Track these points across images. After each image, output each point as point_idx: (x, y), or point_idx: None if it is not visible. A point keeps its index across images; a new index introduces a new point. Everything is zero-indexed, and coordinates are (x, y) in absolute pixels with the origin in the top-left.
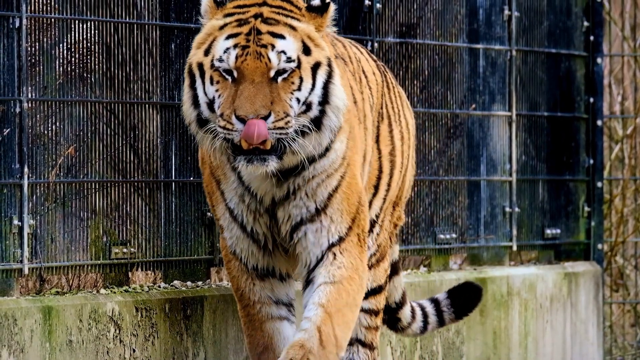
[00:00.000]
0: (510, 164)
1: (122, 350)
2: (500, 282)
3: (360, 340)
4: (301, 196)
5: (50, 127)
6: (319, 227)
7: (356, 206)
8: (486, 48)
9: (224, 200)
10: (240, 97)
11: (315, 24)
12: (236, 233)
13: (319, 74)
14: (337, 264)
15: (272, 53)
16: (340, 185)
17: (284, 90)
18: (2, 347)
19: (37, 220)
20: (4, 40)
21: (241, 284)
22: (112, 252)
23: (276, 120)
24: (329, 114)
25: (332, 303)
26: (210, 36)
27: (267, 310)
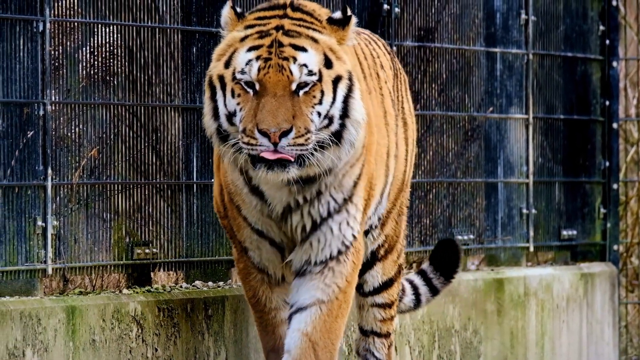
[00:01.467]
0: (527, 166)
1: (145, 350)
2: (518, 282)
3: (375, 332)
4: (330, 191)
5: (73, 129)
6: (345, 218)
7: (368, 191)
8: (503, 52)
9: (249, 225)
10: (263, 111)
11: (337, 36)
12: (267, 250)
13: (339, 87)
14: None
15: (294, 66)
16: (361, 173)
17: (305, 104)
18: (27, 347)
19: (60, 221)
20: (28, 44)
21: (259, 292)
22: (135, 252)
23: (297, 136)
24: (349, 127)
25: (318, 328)
26: (231, 47)
27: (281, 316)
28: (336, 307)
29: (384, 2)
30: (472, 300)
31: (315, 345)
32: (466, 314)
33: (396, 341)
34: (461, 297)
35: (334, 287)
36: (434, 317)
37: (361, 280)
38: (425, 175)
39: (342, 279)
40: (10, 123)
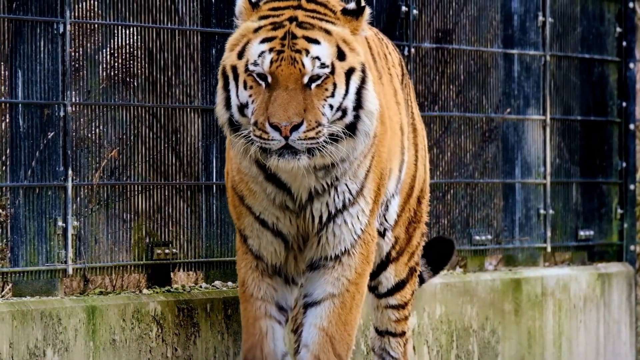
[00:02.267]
0: (545, 167)
1: (165, 349)
2: (535, 282)
3: (390, 332)
4: (346, 181)
5: (93, 130)
6: (357, 210)
7: (378, 182)
8: (521, 53)
9: (252, 214)
10: (274, 104)
11: (350, 27)
12: (265, 240)
13: (352, 79)
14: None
15: (306, 59)
16: (371, 165)
17: (317, 97)
18: (47, 346)
19: (81, 222)
20: (49, 46)
21: (249, 279)
22: (155, 253)
23: (308, 129)
24: (363, 118)
25: (334, 322)
26: (244, 38)
27: (266, 308)
28: (349, 300)
29: (402, 3)
30: (490, 300)
31: (332, 339)
32: (484, 314)
33: (414, 341)
34: (479, 297)
35: (343, 280)
36: (452, 317)
37: (376, 282)
38: (443, 176)
39: (351, 271)
40: (31, 124)
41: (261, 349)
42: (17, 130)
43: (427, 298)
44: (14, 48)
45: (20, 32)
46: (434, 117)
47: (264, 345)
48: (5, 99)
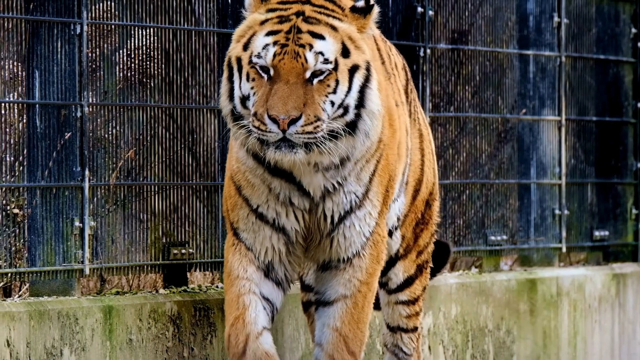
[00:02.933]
0: (560, 167)
1: (181, 349)
2: (550, 282)
3: (402, 328)
4: (351, 183)
5: (110, 131)
6: (364, 213)
7: (386, 186)
8: (536, 54)
9: (249, 207)
10: (274, 97)
11: (357, 25)
12: (263, 235)
13: (356, 77)
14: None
15: (309, 53)
16: (376, 169)
17: (318, 93)
18: (64, 346)
19: (97, 222)
20: (66, 46)
21: (235, 263)
22: (171, 253)
23: (305, 124)
24: (364, 117)
25: (347, 322)
26: (251, 30)
27: (249, 286)
28: (361, 299)
29: (418, 5)
30: (505, 300)
31: (346, 339)
32: (499, 314)
33: (430, 341)
34: (494, 297)
35: (354, 282)
36: (468, 317)
37: (386, 278)
38: (459, 177)
39: (362, 272)
40: (48, 125)
41: (243, 320)
42: (34, 130)
43: (443, 298)
44: (31, 49)
45: (37, 33)
46: (449, 117)
47: (245, 316)
48: (22, 99)
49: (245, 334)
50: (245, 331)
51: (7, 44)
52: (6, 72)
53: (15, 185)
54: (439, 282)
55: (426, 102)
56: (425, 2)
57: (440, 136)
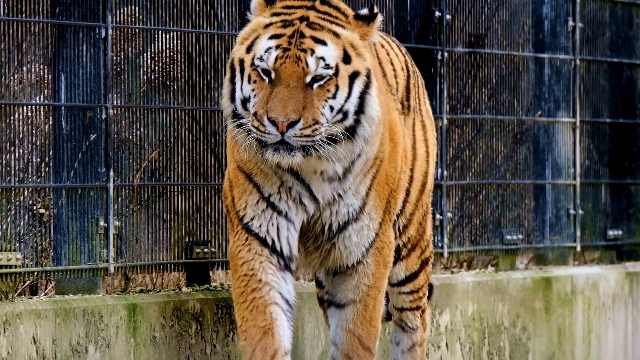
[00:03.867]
0: (574, 168)
1: (204, 346)
2: (565, 281)
3: (406, 308)
4: (349, 195)
5: (134, 132)
6: (361, 226)
7: (387, 197)
8: (551, 57)
9: (260, 193)
10: (274, 100)
11: (360, 32)
12: (273, 221)
13: (356, 83)
14: (366, 273)
15: (310, 58)
16: (373, 183)
17: (318, 97)
18: (89, 343)
19: (122, 222)
20: (91, 50)
21: (254, 263)
22: (194, 251)
23: (304, 127)
24: (363, 123)
25: (359, 323)
26: (255, 32)
27: (274, 295)
28: (371, 301)
29: (435, 9)
30: (521, 298)
31: (360, 338)
32: (515, 312)
33: (447, 338)
34: (510, 295)
35: (362, 287)
36: (484, 314)
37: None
38: (475, 177)
39: (369, 278)
40: (74, 126)
41: (272, 335)
42: (60, 132)
43: (460, 296)
44: (57, 52)
45: (63, 36)
46: (466, 119)
47: (274, 333)
48: (48, 101)
49: (273, 350)
50: (273, 347)
51: (33, 47)
52: (33, 75)
53: (42, 186)
54: (455, 280)
55: (443, 104)
56: (442, 6)
57: (457, 138)
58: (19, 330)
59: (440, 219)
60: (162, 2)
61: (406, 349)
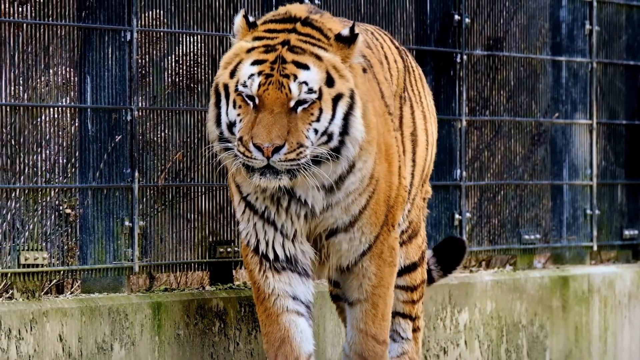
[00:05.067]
0: (591, 169)
1: (227, 344)
2: (582, 280)
3: (399, 312)
4: (337, 210)
5: (159, 134)
6: (351, 237)
7: (385, 212)
8: (568, 60)
9: (240, 193)
10: (259, 126)
11: (342, 54)
12: (254, 223)
13: (339, 105)
14: (367, 275)
15: (293, 84)
16: (368, 203)
17: (302, 121)
18: (114, 341)
19: (146, 222)
20: (116, 53)
21: (255, 275)
22: (217, 251)
23: (288, 152)
24: (347, 144)
25: (370, 321)
26: (237, 57)
27: (282, 303)
28: (378, 300)
29: (455, 13)
30: (539, 296)
31: (373, 336)
32: (533, 310)
33: (466, 335)
34: (528, 293)
35: (366, 287)
36: (502, 312)
37: None
38: (494, 178)
39: (370, 279)
40: (99, 128)
41: (290, 345)
42: (86, 133)
43: (479, 295)
44: (83, 55)
45: (89, 39)
46: (485, 121)
47: (291, 340)
48: (75, 104)
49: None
50: (293, 355)
51: (60, 50)
52: (59, 77)
53: (68, 186)
54: (474, 279)
55: (463, 106)
56: (462, 10)
57: (476, 139)
58: (46, 329)
59: (459, 218)
60: (187, 6)
61: (396, 356)
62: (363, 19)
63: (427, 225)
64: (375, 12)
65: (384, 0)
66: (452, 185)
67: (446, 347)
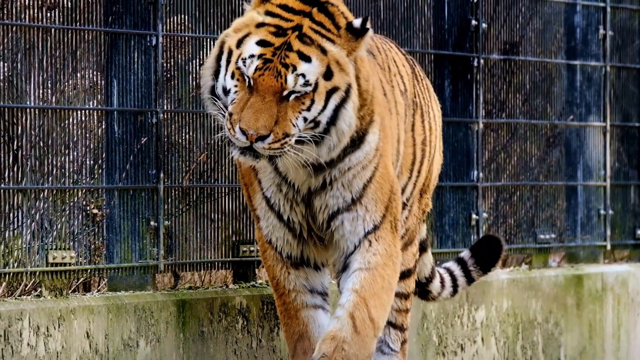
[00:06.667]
0: (605, 170)
1: (250, 341)
2: (596, 278)
3: (391, 322)
4: (338, 187)
5: (184, 136)
6: (355, 216)
7: (389, 195)
8: (583, 64)
9: (261, 190)
10: (248, 110)
11: (348, 47)
12: (272, 222)
13: (333, 97)
14: (372, 251)
15: (290, 75)
16: (374, 176)
17: (292, 109)
18: (140, 337)
19: (171, 221)
20: (142, 57)
21: (276, 272)
22: (240, 250)
23: (273, 142)
24: (332, 134)
25: (367, 288)
26: (247, 28)
27: (301, 299)
28: (378, 277)
29: (472, 18)
30: (554, 294)
31: (367, 302)
32: (548, 308)
33: (483, 332)
34: (543, 291)
35: (368, 258)
36: (518, 310)
37: None
38: (510, 179)
39: (376, 255)
40: (126, 130)
41: (309, 340)
42: (112, 136)
43: (495, 293)
44: (110, 59)
45: (115, 44)
46: (501, 123)
47: (309, 335)
48: (101, 106)
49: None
50: (311, 349)
51: (87, 54)
52: (86, 81)
53: (95, 187)
54: (491, 277)
55: (479, 109)
56: (479, 15)
57: (493, 141)
58: (73, 326)
59: (476, 218)
60: (211, 11)
61: None
62: (383, 24)
63: (445, 225)
64: (394, 17)
65: (403, 6)
66: (469, 186)
67: (463, 344)
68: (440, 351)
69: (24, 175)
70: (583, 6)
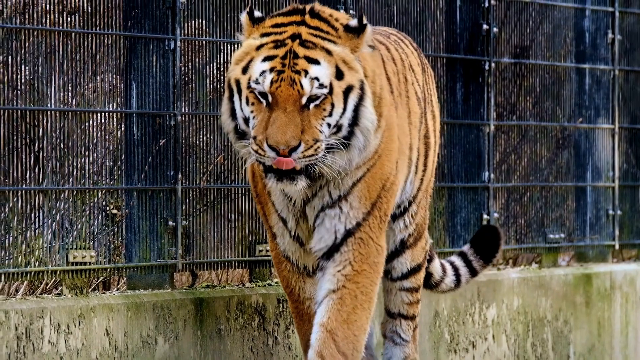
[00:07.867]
0: (613, 171)
1: (265, 338)
2: (604, 277)
3: (402, 314)
4: (329, 187)
5: (201, 138)
6: (338, 213)
7: (378, 192)
8: (592, 68)
9: (276, 211)
10: (273, 126)
11: (351, 45)
12: (287, 240)
13: (350, 97)
14: (346, 259)
15: (305, 80)
16: (364, 175)
17: (315, 117)
18: (158, 335)
19: (189, 221)
20: (160, 61)
21: (292, 282)
22: (257, 250)
23: (305, 149)
24: (357, 134)
25: (334, 317)
26: (248, 55)
27: (314, 307)
28: (348, 297)
29: (483, 22)
30: (563, 293)
31: (334, 335)
32: (557, 306)
33: (494, 330)
34: (553, 290)
35: (338, 276)
36: (528, 308)
37: (389, 267)
38: (520, 180)
39: (345, 268)
40: (144, 132)
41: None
42: (131, 137)
43: (506, 291)
44: (129, 63)
45: (134, 48)
46: (512, 126)
47: None
48: (121, 109)
49: None
50: None
51: (107, 58)
52: (106, 84)
53: (114, 188)
54: (502, 276)
55: (491, 111)
56: (490, 19)
57: (504, 143)
58: (93, 323)
59: (487, 219)
60: (228, 16)
61: None
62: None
63: (457, 225)
64: (407, 21)
65: (416, 11)
66: (480, 187)
67: (475, 342)
68: (452, 348)
69: (45, 177)
70: (592, 11)
